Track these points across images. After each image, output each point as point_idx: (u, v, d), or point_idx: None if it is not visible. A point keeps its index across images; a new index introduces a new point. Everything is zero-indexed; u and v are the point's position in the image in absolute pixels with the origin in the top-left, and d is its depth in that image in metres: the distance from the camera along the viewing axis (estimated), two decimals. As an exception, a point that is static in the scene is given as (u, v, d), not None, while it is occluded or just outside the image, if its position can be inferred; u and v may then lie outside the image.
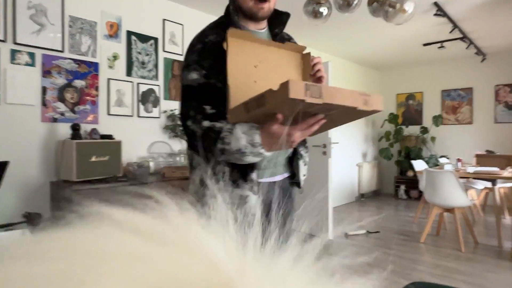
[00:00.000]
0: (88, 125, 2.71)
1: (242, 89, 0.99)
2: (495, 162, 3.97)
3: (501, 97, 5.40)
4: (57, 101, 2.55)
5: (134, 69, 3.03)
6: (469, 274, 2.78)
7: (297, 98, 0.73)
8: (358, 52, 5.33)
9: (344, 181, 5.76)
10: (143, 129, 3.11)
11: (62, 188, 2.35)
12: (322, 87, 0.76)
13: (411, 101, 6.36)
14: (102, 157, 2.50)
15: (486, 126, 5.53)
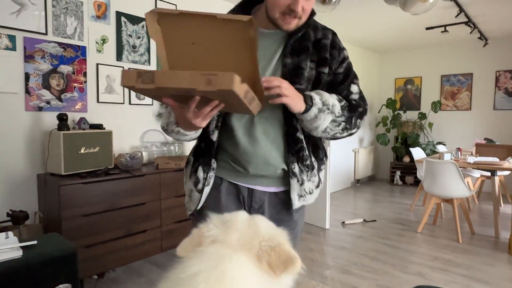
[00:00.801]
0: (76, 114, 2.56)
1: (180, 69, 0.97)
2: (495, 152, 3.93)
3: (501, 83, 5.32)
4: (42, 89, 2.38)
5: (125, 53, 2.84)
6: (467, 267, 2.77)
7: (128, 85, 0.81)
8: (359, 34, 5.15)
9: (341, 167, 5.71)
10: (135, 117, 2.96)
11: (50, 182, 2.22)
12: (155, 73, 0.79)
13: (409, 86, 6.25)
14: (92, 148, 2.37)
15: (484, 112, 5.47)
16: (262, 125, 1.08)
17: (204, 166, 1.12)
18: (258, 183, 1.12)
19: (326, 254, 3.05)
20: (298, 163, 1.11)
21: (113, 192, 2.34)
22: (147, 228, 2.55)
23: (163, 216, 2.65)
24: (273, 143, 1.09)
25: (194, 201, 1.14)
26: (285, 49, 1.08)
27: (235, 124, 1.09)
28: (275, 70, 1.08)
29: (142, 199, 2.51)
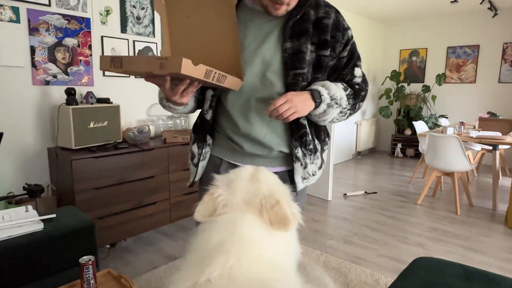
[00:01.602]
0: (83, 88, 2.55)
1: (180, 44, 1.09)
2: (498, 126, 3.95)
3: (507, 56, 5.25)
4: (48, 62, 2.36)
5: (129, 25, 2.79)
6: (465, 238, 2.88)
7: (105, 69, 0.92)
8: (363, 3, 5.00)
9: (343, 140, 5.75)
10: (140, 91, 2.95)
11: (61, 156, 2.26)
12: (123, 58, 0.89)
13: (414, 58, 6.16)
14: (101, 122, 2.39)
15: (489, 85, 5.44)
16: (258, 108, 1.09)
17: (199, 142, 1.18)
18: (256, 162, 1.14)
19: (329, 225, 3.16)
20: (301, 148, 1.13)
21: (123, 166, 2.39)
22: (156, 200, 2.63)
23: (171, 189, 2.72)
24: (269, 126, 1.11)
25: (191, 173, 1.23)
26: (284, 32, 1.05)
27: (230, 106, 1.12)
28: (273, 52, 1.06)
29: (151, 173, 2.56)
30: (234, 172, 0.86)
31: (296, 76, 1.06)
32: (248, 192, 0.78)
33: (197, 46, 1.08)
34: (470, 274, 1.51)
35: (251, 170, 0.85)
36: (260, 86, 1.09)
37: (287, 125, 1.12)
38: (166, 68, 0.82)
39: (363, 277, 2.22)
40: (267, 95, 1.08)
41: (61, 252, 1.56)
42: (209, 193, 0.81)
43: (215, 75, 0.93)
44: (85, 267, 1.30)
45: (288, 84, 1.06)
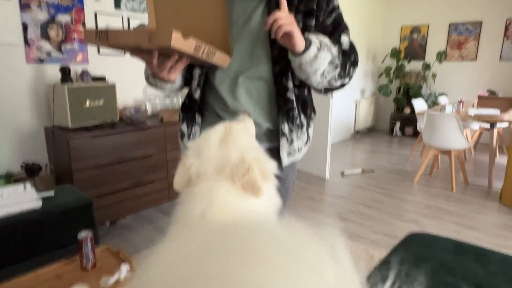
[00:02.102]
0: (78, 66, 2.52)
1: (166, 20, 1.06)
2: (496, 104, 3.93)
3: (510, 32, 5.16)
4: (41, 40, 2.32)
5: (123, 1, 2.72)
6: (459, 215, 2.92)
7: (89, 42, 0.88)
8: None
9: (341, 118, 5.73)
10: (136, 68, 2.91)
11: (58, 135, 2.26)
12: (108, 32, 0.86)
13: (415, 35, 6.05)
14: (97, 101, 2.37)
15: (490, 63, 5.37)
16: (245, 85, 1.08)
17: (188, 121, 1.17)
18: None
19: (325, 203, 3.20)
20: (288, 123, 1.12)
21: (121, 145, 2.39)
22: (154, 179, 2.65)
23: (169, 167, 2.74)
24: (257, 104, 1.10)
25: (182, 152, 1.21)
26: (269, 3, 1.03)
27: (218, 84, 1.11)
28: (259, 26, 1.04)
29: (148, 152, 2.57)
30: (203, 137, 0.84)
31: (282, 49, 1.03)
32: (219, 159, 0.78)
33: (184, 22, 1.05)
34: (461, 248, 1.54)
35: (221, 133, 0.83)
36: (248, 63, 1.07)
37: (274, 101, 1.11)
38: (155, 41, 0.80)
39: (357, 253, 2.27)
40: (254, 72, 1.07)
41: (60, 229, 1.59)
42: (182, 163, 0.81)
43: (204, 50, 0.91)
44: (84, 242, 1.33)
45: (274, 57, 1.05)
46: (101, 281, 1.26)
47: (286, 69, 1.07)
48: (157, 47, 0.85)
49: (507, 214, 2.96)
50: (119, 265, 1.35)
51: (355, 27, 5.46)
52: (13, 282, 1.26)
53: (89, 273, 1.34)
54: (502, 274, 1.35)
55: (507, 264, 1.42)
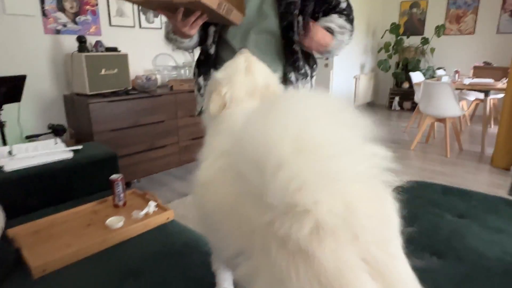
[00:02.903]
0: (91, 37, 2.66)
1: None
2: (491, 74, 4.07)
3: (507, 5, 5.23)
4: (57, 11, 2.46)
5: (132, -26, 2.83)
6: (452, 175, 3.12)
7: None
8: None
9: (341, 93, 5.87)
10: (146, 41, 3.05)
11: (77, 101, 2.43)
12: None
13: (415, 9, 6.12)
14: (111, 70, 2.53)
15: (488, 36, 5.47)
16: (255, 38, 1.24)
17: (204, 75, 1.31)
18: None
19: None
20: (294, 72, 1.28)
21: (135, 111, 2.56)
22: (166, 143, 2.83)
23: (180, 134, 2.91)
24: (266, 54, 1.24)
25: (198, 104, 1.38)
26: None
27: (231, 38, 1.25)
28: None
29: (160, 118, 2.74)
30: (229, 66, 1.01)
31: (288, 5, 1.20)
32: (248, 85, 0.95)
33: None
34: (448, 190, 1.74)
35: (243, 63, 0.99)
36: (257, 19, 1.23)
37: (282, 53, 1.27)
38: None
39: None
40: (263, 26, 1.23)
41: (89, 178, 1.78)
42: (216, 91, 0.96)
43: (225, 7, 1.04)
44: (115, 182, 1.51)
45: (282, 13, 1.21)
46: (132, 213, 1.45)
47: (292, 24, 1.22)
48: (187, 3, 0.96)
49: (497, 174, 3.15)
50: (147, 203, 1.54)
51: (355, 3, 5.51)
52: (54, 217, 1.45)
53: (121, 209, 1.53)
54: (481, 206, 1.55)
55: (486, 200, 1.62)
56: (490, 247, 1.26)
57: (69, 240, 1.27)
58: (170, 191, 2.77)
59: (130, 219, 1.43)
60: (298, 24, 1.24)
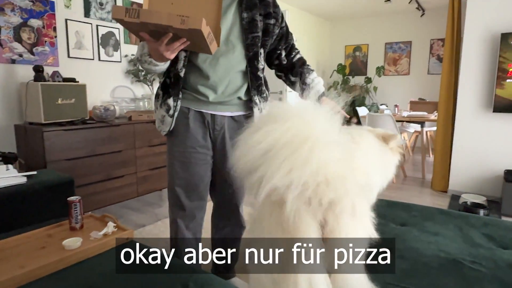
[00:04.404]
0: (49, 68, 2.66)
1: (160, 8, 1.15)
2: (425, 108, 4.58)
3: (434, 50, 6.00)
4: (13, 41, 2.46)
5: (93, 10, 2.93)
6: (398, 198, 3.37)
7: (117, 18, 0.99)
8: (313, 3, 5.48)
9: (296, 128, 6.17)
10: (104, 73, 3.09)
11: (31, 130, 2.37)
12: (140, 10, 0.99)
13: (357, 53, 6.78)
14: (68, 100, 2.52)
15: (420, 76, 6.17)
16: (224, 65, 1.37)
17: (174, 96, 1.40)
18: (218, 109, 1.43)
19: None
20: (258, 96, 1.45)
21: (92, 140, 2.54)
22: (124, 173, 2.80)
23: (138, 164, 2.90)
24: (235, 79, 1.39)
25: (166, 124, 1.43)
26: (241, 5, 1.37)
27: (201, 62, 1.36)
28: (233, 21, 1.36)
29: (118, 147, 2.73)
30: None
31: (253, 39, 1.38)
32: None
33: (178, 12, 1.17)
34: (392, 204, 1.91)
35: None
36: (225, 47, 1.37)
37: (246, 77, 1.42)
38: (188, 24, 0.98)
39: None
40: (231, 55, 1.38)
41: (44, 204, 1.73)
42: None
43: (210, 37, 1.13)
44: (73, 204, 1.50)
45: (248, 44, 1.37)
46: (91, 233, 1.43)
47: (257, 54, 1.40)
48: (187, 29, 1.02)
49: (437, 196, 3.47)
50: (105, 225, 1.53)
51: (306, 46, 6.04)
52: (5, 241, 1.39)
53: (78, 231, 1.50)
54: (420, 215, 1.73)
55: (424, 210, 1.81)
56: (427, 247, 1.41)
57: (22, 261, 1.23)
58: (126, 223, 2.70)
59: (88, 240, 1.41)
60: (260, 55, 1.41)
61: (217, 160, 1.50)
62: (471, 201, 2.97)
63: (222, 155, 1.49)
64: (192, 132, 1.42)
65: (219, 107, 1.44)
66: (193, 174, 1.46)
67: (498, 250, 1.36)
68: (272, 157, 0.71)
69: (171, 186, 1.49)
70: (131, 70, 3.25)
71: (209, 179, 1.53)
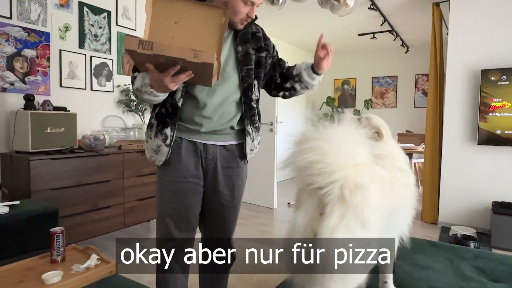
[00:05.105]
0: (40, 96, 2.66)
1: (162, 28, 1.16)
2: (412, 140, 4.67)
3: (419, 85, 6.22)
4: (6, 70, 2.47)
5: (87, 42, 2.99)
6: (389, 230, 3.35)
7: (130, 49, 1.01)
8: (302, 38, 5.70)
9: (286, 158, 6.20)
10: (96, 102, 3.11)
11: (17, 158, 2.33)
12: (154, 43, 1.02)
13: (346, 86, 6.98)
14: (58, 128, 2.51)
15: (407, 109, 6.34)
16: (221, 96, 1.40)
17: (172, 126, 1.39)
18: (211, 139, 1.44)
19: (275, 226, 3.46)
20: (251, 125, 1.47)
21: (80, 169, 2.50)
22: (111, 204, 2.74)
23: (126, 194, 2.85)
24: (229, 108, 1.42)
25: (163, 153, 1.41)
26: (236, 39, 1.42)
27: (198, 93, 1.39)
28: (229, 54, 1.41)
29: (106, 177, 2.69)
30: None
31: (248, 71, 1.42)
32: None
33: (180, 36, 1.17)
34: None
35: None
36: (221, 79, 1.41)
37: (240, 107, 1.45)
38: (200, 58, 1.02)
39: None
40: (227, 86, 1.41)
41: (27, 235, 1.67)
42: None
43: (215, 70, 1.15)
44: (56, 235, 1.45)
45: (243, 76, 1.41)
46: (73, 266, 1.38)
47: (251, 85, 1.44)
48: (200, 63, 1.05)
49: (427, 227, 3.46)
50: (88, 258, 1.47)
51: (295, 78, 6.20)
52: (-18, 276, 1.33)
53: (59, 264, 1.44)
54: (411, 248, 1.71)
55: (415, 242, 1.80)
56: (418, 284, 1.39)
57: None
58: (111, 256, 2.60)
59: (70, 273, 1.35)
60: (254, 86, 1.45)
61: (208, 189, 1.49)
62: (461, 233, 2.96)
63: (213, 184, 1.48)
64: (184, 161, 1.42)
65: (211, 136, 1.45)
66: (184, 204, 1.43)
67: (489, 284, 1.35)
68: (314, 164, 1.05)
69: (160, 216, 1.46)
70: (122, 100, 3.28)
71: (199, 210, 1.51)
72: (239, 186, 1.55)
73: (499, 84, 3.17)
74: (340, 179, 1.03)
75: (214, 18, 1.19)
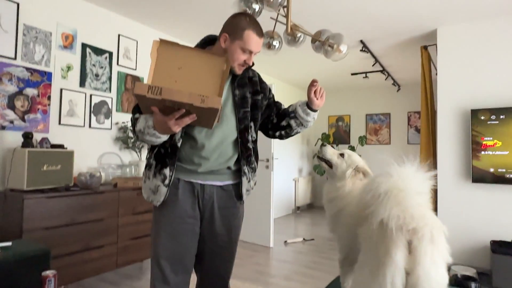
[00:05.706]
0: (38, 134, 2.68)
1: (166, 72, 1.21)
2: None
3: (412, 122, 6.36)
4: (6, 109, 2.50)
5: (88, 81, 3.06)
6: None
7: (139, 94, 1.05)
8: (297, 77, 5.89)
9: (282, 194, 6.17)
10: (94, 140, 3.13)
11: (11, 196, 2.30)
12: (162, 88, 1.07)
13: (340, 123, 7.11)
14: (54, 166, 2.50)
15: (401, 145, 6.44)
16: (220, 136, 1.44)
17: (171, 166, 1.41)
18: (208, 179, 1.45)
19: (271, 266, 3.37)
20: (247, 166, 1.49)
21: (74, 208, 2.47)
22: (104, 243, 2.67)
23: (119, 233, 2.79)
24: (226, 149, 1.45)
25: (161, 194, 1.40)
26: (233, 83, 1.48)
27: (197, 133, 1.42)
28: (227, 96, 1.46)
29: (100, 215, 2.65)
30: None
31: (244, 113, 1.47)
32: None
33: (183, 81, 1.22)
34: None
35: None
36: (220, 121, 1.44)
37: (237, 148, 1.47)
38: (207, 103, 1.07)
39: (301, 303, 2.44)
40: (225, 127, 1.45)
41: (18, 277, 1.62)
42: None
43: (219, 114, 1.21)
44: (48, 279, 1.41)
45: (240, 118, 1.45)
46: (64, 313, 1.32)
47: (248, 127, 1.48)
48: (207, 108, 1.10)
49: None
50: (80, 303, 1.42)
51: (290, 115, 6.32)
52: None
53: (50, 311, 1.39)
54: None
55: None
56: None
57: None
58: (102, 298, 2.51)
59: (60, 320, 1.30)
60: (251, 128, 1.49)
61: (205, 230, 1.48)
62: (462, 274, 2.91)
63: (210, 224, 1.47)
64: (181, 202, 1.41)
65: (209, 176, 1.46)
66: (180, 245, 1.41)
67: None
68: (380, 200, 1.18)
69: (155, 258, 1.43)
70: (120, 137, 3.30)
71: (195, 251, 1.48)
72: (236, 227, 1.54)
73: (489, 124, 3.26)
74: (431, 221, 1.14)
75: (216, 65, 1.25)
